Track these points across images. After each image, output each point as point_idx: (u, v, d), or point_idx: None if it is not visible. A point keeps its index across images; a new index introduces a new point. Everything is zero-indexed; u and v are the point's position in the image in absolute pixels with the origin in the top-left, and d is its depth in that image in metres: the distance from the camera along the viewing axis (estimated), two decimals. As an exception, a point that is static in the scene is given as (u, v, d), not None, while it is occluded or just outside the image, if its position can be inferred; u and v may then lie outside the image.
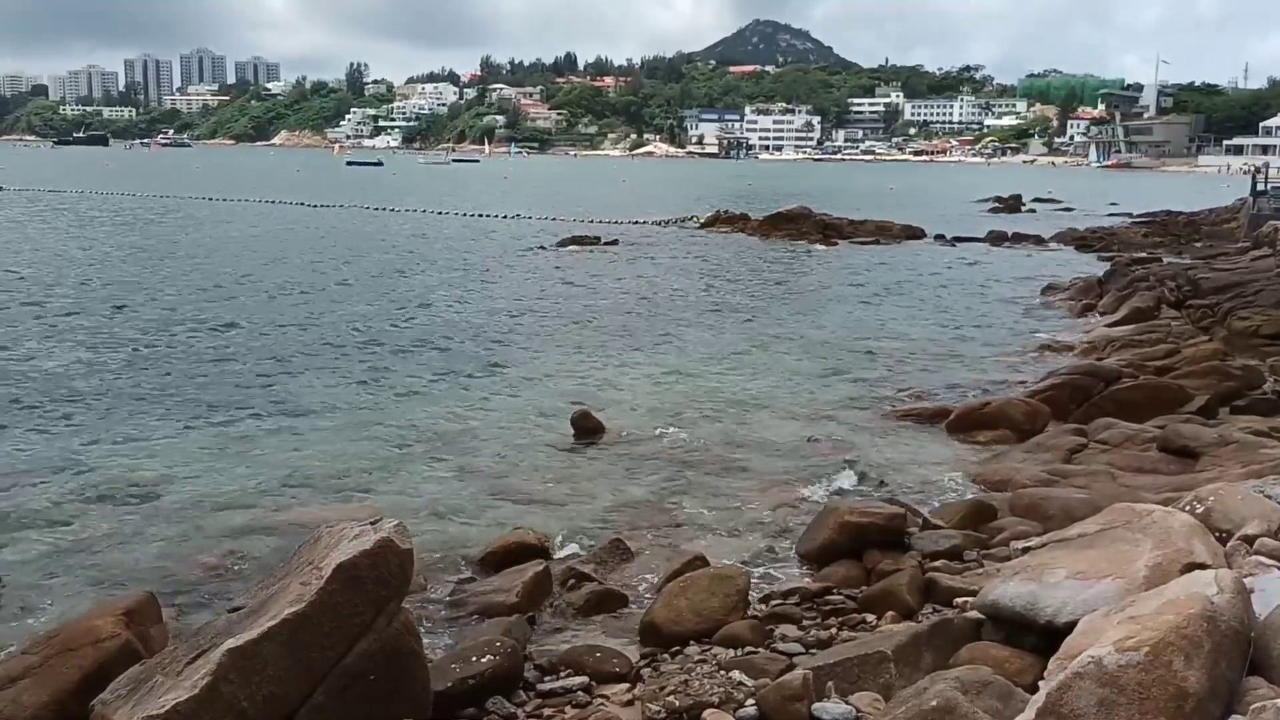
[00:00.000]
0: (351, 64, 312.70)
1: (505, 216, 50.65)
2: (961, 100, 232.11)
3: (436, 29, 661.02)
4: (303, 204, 57.47)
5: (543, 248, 36.09)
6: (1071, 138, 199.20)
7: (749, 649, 6.48)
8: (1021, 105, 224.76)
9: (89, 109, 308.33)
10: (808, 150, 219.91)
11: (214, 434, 12.59)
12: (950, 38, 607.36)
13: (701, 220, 46.55)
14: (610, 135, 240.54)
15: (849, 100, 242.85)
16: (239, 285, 25.81)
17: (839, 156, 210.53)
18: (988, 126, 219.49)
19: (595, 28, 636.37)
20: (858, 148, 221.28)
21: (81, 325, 19.79)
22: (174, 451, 11.85)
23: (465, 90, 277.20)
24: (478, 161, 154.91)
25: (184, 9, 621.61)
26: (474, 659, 5.99)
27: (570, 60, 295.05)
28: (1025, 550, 6.31)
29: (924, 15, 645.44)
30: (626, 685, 6.17)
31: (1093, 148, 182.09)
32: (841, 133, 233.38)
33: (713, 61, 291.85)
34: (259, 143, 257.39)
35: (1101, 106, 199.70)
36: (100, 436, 12.37)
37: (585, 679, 6.20)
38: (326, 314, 21.76)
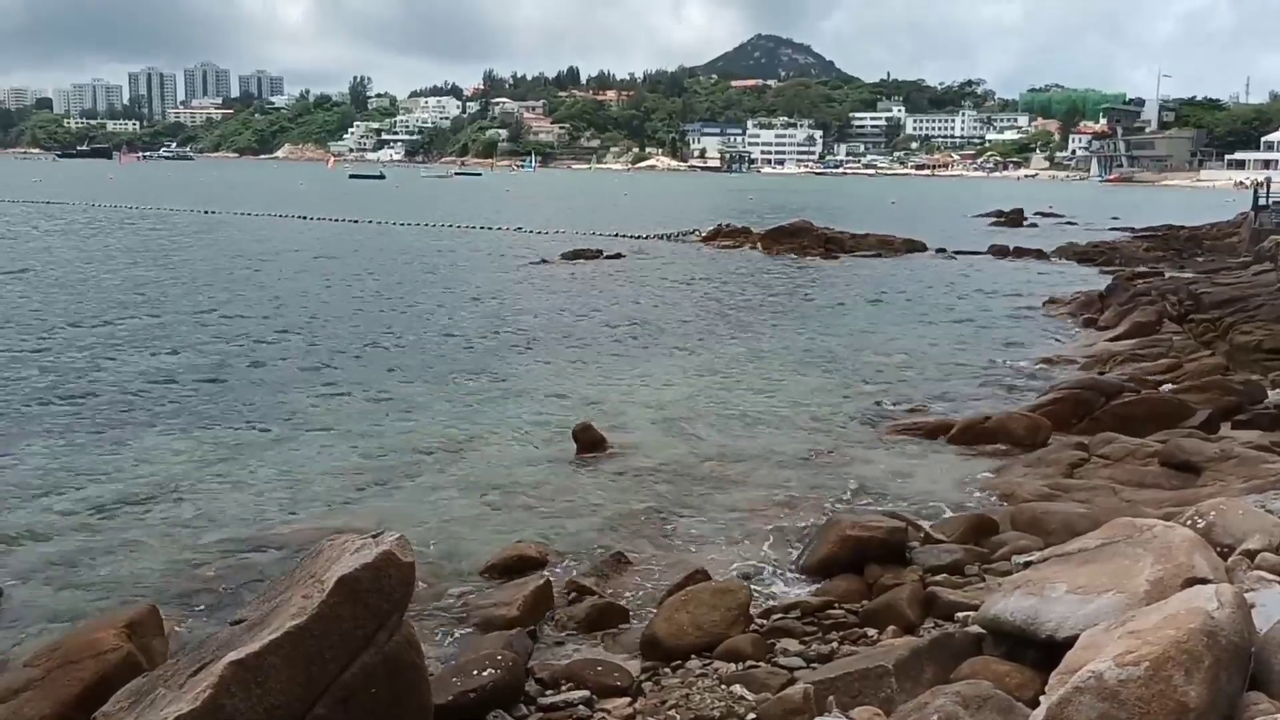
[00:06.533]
0: (355, 77, 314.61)
1: (507, 229, 50.80)
2: (963, 114, 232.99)
3: (440, 43, 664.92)
4: (304, 217, 57.54)
5: (545, 261, 36.14)
6: (1073, 152, 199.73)
7: (750, 663, 6.48)
8: (1023, 119, 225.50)
9: (93, 122, 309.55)
10: (809, 164, 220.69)
11: (215, 446, 12.60)
12: (954, 53, 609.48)
13: (703, 234, 46.62)
14: (612, 149, 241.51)
15: (850, 114, 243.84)
16: (238, 297, 25.84)
17: (840, 170, 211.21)
18: (989, 141, 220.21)
19: (598, 42, 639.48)
20: (859, 161, 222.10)
21: (83, 337, 19.80)
22: (175, 464, 11.86)
23: (468, 104, 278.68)
24: (480, 175, 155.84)
25: (188, 23, 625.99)
26: (475, 672, 5.99)
27: (573, 74, 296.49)
28: (1026, 564, 6.31)
29: (928, 31, 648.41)
30: (628, 699, 6.16)
31: (1094, 162, 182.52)
32: (843, 147, 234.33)
33: (714, 75, 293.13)
34: (262, 155, 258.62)
35: (1103, 121, 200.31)
36: (102, 448, 12.38)
37: (586, 693, 6.19)
38: (327, 326, 21.79)
